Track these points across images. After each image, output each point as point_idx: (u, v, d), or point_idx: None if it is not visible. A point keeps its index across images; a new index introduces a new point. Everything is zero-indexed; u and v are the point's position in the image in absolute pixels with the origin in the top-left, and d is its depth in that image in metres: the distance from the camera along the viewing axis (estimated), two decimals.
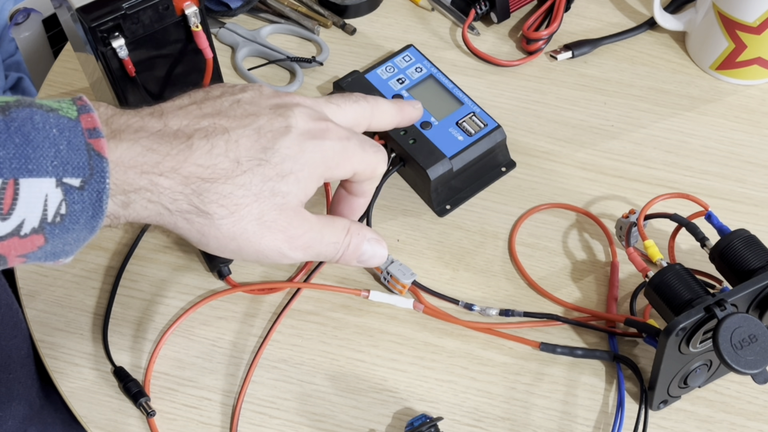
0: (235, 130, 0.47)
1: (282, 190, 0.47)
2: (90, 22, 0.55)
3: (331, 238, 0.50)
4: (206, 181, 0.45)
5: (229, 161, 0.46)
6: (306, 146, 0.48)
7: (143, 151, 0.44)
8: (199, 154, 0.45)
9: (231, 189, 0.46)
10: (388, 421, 0.59)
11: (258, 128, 0.47)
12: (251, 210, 0.46)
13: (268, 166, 0.46)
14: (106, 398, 0.60)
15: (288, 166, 0.47)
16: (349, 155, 0.50)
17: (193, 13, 0.58)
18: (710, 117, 0.75)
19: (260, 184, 0.46)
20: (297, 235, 0.48)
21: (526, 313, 0.63)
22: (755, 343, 0.51)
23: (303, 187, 0.48)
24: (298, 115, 0.49)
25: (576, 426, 0.59)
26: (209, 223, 0.46)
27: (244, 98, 0.49)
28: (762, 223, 0.69)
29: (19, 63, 1.35)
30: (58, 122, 0.41)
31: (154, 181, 0.44)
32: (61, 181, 0.41)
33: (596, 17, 0.83)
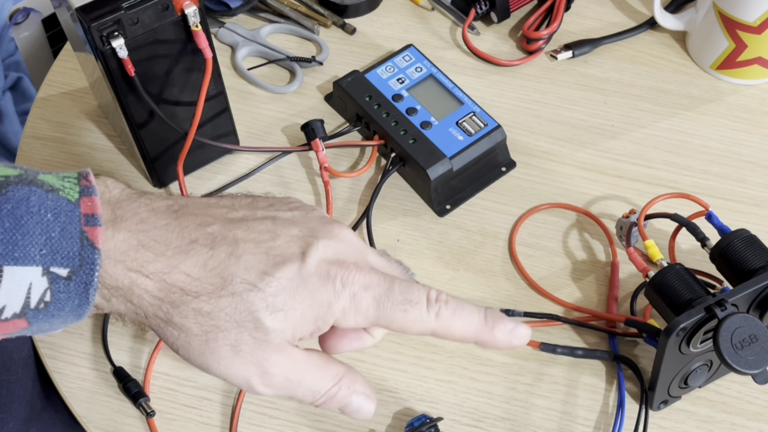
0: (245, 244, 0.42)
1: (266, 326, 0.42)
2: (89, 22, 0.55)
3: (313, 386, 0.44)
4: (188, 294, 0.41)
5: (220, 279, 0.41)
6: (310, 281, 0.42)
7: (137, 246, 0.41)
8: (191, 264, 0.41)
9: (211, 309, 0.41)
10: (388, 421, 0.59)
11: (269, 248, 0.42)
12: (228, 335, 0.42)
13: (259, 295, 0.41)
14: (105, 398, 0.60)
15: (281, 300, 0.42)
16: (362, 308, 0.43)
17: (192, 12, 0.58)
18: (710, 117, 0.75)
19: (245, 313, 0.41)
20: (273, 373, 0.43)
21: (526, 313, 0.63)
22: (755, 343, 0.51)
23: (292, 326, 0.42)
24: (322, 246, 0.43)
25: (576, 426, 0.59)
26: (182, 336, 0.42)
27: (284, 216, 0.44)
28: (762, 223, 0.69)
29: (19, 63, 1.35)
30: (55, 205, 0.39)
31: (137, 282, 0.41)
32: (48, 270, 0.39)
33: (596, 17, 0.83)
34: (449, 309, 0.44)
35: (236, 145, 0.71)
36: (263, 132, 0.74)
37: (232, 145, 0.71)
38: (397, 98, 0.71)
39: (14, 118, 1.28)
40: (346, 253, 0.44)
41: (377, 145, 0.71)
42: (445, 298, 0.44)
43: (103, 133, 0.74)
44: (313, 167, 0.72)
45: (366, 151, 0.73)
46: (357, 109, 0.72)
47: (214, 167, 0.72)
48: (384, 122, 0.70)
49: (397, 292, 0.43)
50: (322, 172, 0.69)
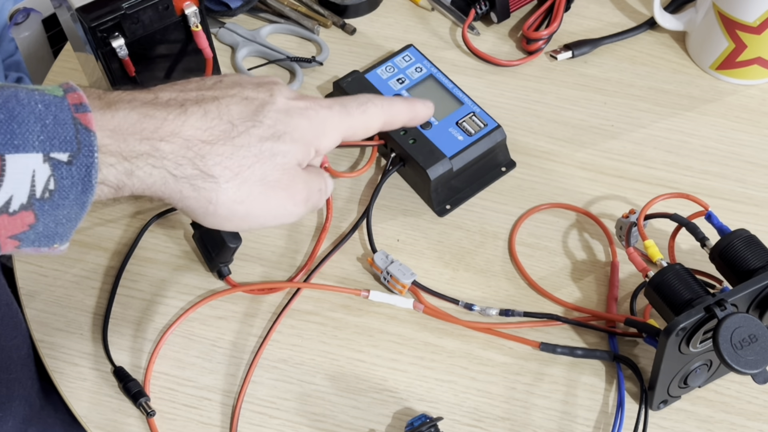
0: (224, 99, 0.48)
1: (281, 149, 0.48)
2: (90, 22, 0.55)
3: (315, 185, 0.53)
4: (206, 143, 0.46)
5: (224, 124, 0.47)
6: (292, 113, 0.50)
7: (140, 118, 0.44)
8: (195, 119, 0.46)
9: (231, 150, 0.46)
10: (388, 421, 0.59)
11: (245, 97, 0.49)
12: (254, 171, 0.47)
13: (262, 127, 0.48)
14: (106, 398, 0.60)
15: (281, 127, 0.49)
16: (334, 123, 0.52)
17: (193, 12, 0.58)
18: (710, 117, 0.75)
19: (258, 145, 0.48)
20: (297, 191, 0.50)
21: (526, 313, 0.63)
22: (755, 343, 0.51)
23: (299, 147, 0.50)
24: (281, 88, 0.51)
25: (576, 426, 0.59)
26: (216, 187, 0.46)
27: (226, 79, 0.51)
28: (762, 223, 0.69)
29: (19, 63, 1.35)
30: (43, 98, 0.41)
31: (155, 146, 0.44)
32: (49, 156, 0.40)
33: (596, 17, 0.83)
34: (386, 99, 0.56)
35: None
36: None
37: None
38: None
39: None
40: (291, 90, 0.52)
41: (377, 145, 0.71)
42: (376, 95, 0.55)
43: None
44: None
45: (366, 151, 0.73)
46: None
47: None
48: None
49: (349, 101, 0.53)
50: None
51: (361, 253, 0.67)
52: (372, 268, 0.65)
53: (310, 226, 0.68)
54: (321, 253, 0.67)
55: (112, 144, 0.43)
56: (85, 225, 0.68)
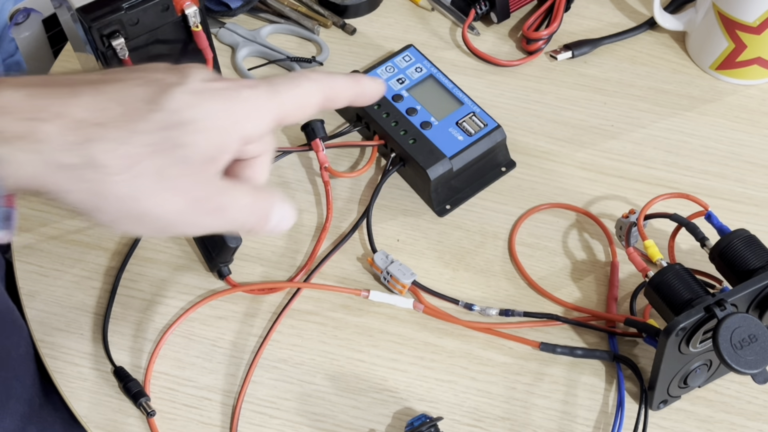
0: (129, 80, 0.41)
1: (184, 140, 0.41)
2: (90, 22, 0.55)
3: (240, 201, 0.43)
4: (98, 126, 0.39)
5: (120, 107, 0.40)
6: (204, 95, 0.42)
7: (25, 97, 0.39)
8: (87, 98, 0.40)
9: (126, 136, 0.40)
10: (388, 421, 0.59)
11: (152, 79, 0.42)
12: (152, 162, 0.40)
13: (164, 112, 0.41)
14: (106, 398, 0.60)
15: (188, 113, 0.41)
16: (260, 102, 0.43)
17: (193, 13, 0.58)
18: (710, 117, 0.75)
19: (157, 132, 0.40)
20: (203, 197, 0.42)
21: (526, 313, 0.63)
22: (755, 343, 0.51)
23: (209, 138, 0.42)
24: (197, 71, 0.43)
25: (576, 426, 0.59)
26: (103, 179, 0.39)
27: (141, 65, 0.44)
28: (762, 223, 0.69)
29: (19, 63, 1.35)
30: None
31: (34, 128, 0.38)
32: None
33: (596, 17, 0.83)
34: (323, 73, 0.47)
35: None
36: None
37: None
38: (397, 98, 0.72)
39: None
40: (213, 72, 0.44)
41: (377, 145, 0.71)
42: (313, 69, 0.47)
43: None
44: (313, 167, 0.72)
45: (366, 151, 0.73)
46: (357, 109, 0.72)
47: None
48: (384, 122, 0.70)
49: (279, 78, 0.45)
50: (322, 172, 0.69)
51: (361, 253, 0.67)
52: (372, 268, 0.65)
53: (310, 226, 0.68)
54: (321, 253, 0.67)
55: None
56: (86, 225, 0.68)
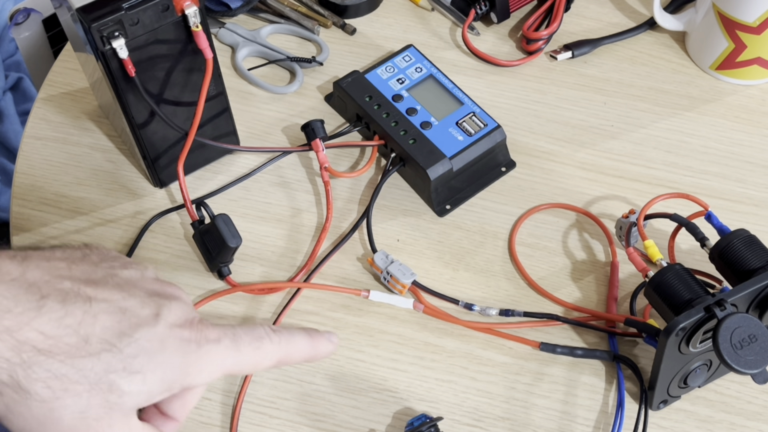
0: (99, 303, 0.41)
1: (122, 387, 0.40)
2: (90, 22, 0.55)
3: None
4: (42, 353, 0.39)
5: (77, 337, 0.39)
6: (168, 344, 0.42)
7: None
8: (47, 320, 0.39)
9: (66, 370, 0.39)
10: (388, 421, 0.59)
11: (124, 308, 0.41)
12: (78, 400, 0.39)
13: (118, 356, 0.40)
14: None
15: (139, 362, 0.41)
16: (217, 359, 0.44)
17: (193, 13, 0.58)
18: (710, 117, 0.75)
19: (101, 374, 0.40)
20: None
21: (526, 313, 0.63)
22: (755, 343, 0.51)
23: (148, 390, 0.41)
24: (173, 307, 0.43)
25: (576, 426, 0.59)
26: (22, 401, 0.39)
27: (122, 274, 0.44)
28: (762, 223, 0.69)
29: (19, 63, 1.35)
30: None
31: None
32: None
33: (596, 17, 0.83)
34: (285, 335, 0.47)
35: (236, 145, 0.72)
36: (263, 132, 0.74)
37: (233, 145, 0.71)
38: (397, 98, 0.72)
39: (15, 118, 1.29)
40: (189, 311, 0.45)
41: (377, 145, 0.71)
42: (275, 328, 0.47)
43: (103, 133, 0.74)
44: (313, 167, 0.72)
45: (366, 151, 0.73)
46: (357, 109, 0.72)
47: (214, 167, 0.72)
48: (384, 122, 0.70)
49: (243, 334, 0.45)
50: (322, 172, 0.69)
51: (361, 253, 0.67)
52: (372, 268, 0.65)
53: (310, 226, 0.68)
54: (321, 253, 0.67)
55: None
56: (86, 225, 0.68)
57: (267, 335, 0.46)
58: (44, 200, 0.69)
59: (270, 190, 0.70)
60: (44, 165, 0.72)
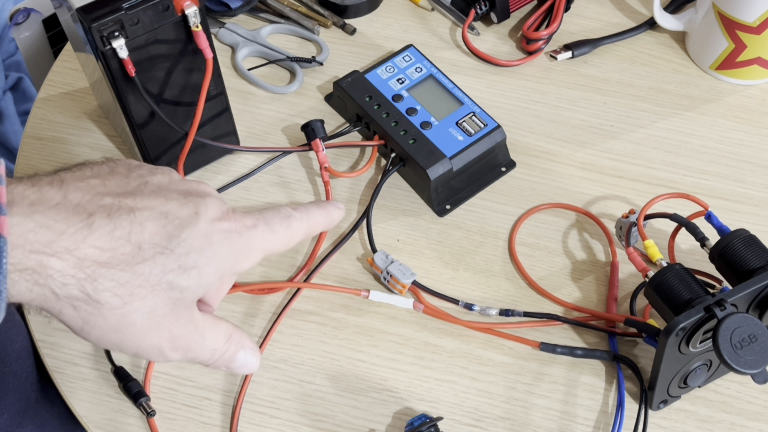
0: (141, 212, 0.43)
1: (181, 284, 0.43)
2: (90, 22, 0.55)
3: (211, 344, 0.47)
4: (103, 265, 0.41)
5: (130, 246, 0.42)
6: (214, 238, 0.45)
7: (36, 227, 0.40)
8: (99, 235, 0.41)
9: (128, 277, 0.42)
10: (388, 421, 0.59)
11: (166, 213, 0.44)
12: (144, 302, 0.42)
13: (171, 257, 0.43)
14: (106, 398, 0.60)
15: (192, 259, 0.44)
16: (259, 243, 0.48)
17: (193, 13, 0.58)
18: (710, 117, 0.75)
19: (159, 275, 0.42)
20: (181, 335, 0.45)
21: (526, 313, 0.63)
22: (755, 343, 0.51)
23: (203, 282, 0.44)
24: (208, 203, 0.46)
25: (576, 426, 0.59)
26: (96, 312, 0.42)
27: (153, 180, 0.46)
28: (762, 223, 0.69)
29: (20, 63, 1.35)
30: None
31: (43, 262, 0.40)
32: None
33: (596, 17, 0.83)
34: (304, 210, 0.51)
35: (236, 145, 0.72)
36: (263, 132, 0.74)
37: (233, 145, 0.71)
38: (397, 98, 0.72)
39: (15, 118, 1.29)
40: (223, 204, 0.47)
41: (377, 145, 0.71)
42: (295, 206, 0.51)
43: (103, 133, 0.74)
44: (313, 167, 0.72)
45: (366, 151, 0.73)
46: (357, 109, 0.72)
47: (214, 167, 0.72)
48: (384, 122, 0.70)
49: (273, 216, 0.49)
50: (322, 172, 0.69)
51: (361, 253, 0.67)
52: (372, 268, 0.65)
53: None
54: (321, 253, 0.67)
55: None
56: None
57: (291, 214, 0.50)
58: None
59: (270, 190, 0.70)
60: (44, 165, 0.71)
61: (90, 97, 0.76)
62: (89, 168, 0.45)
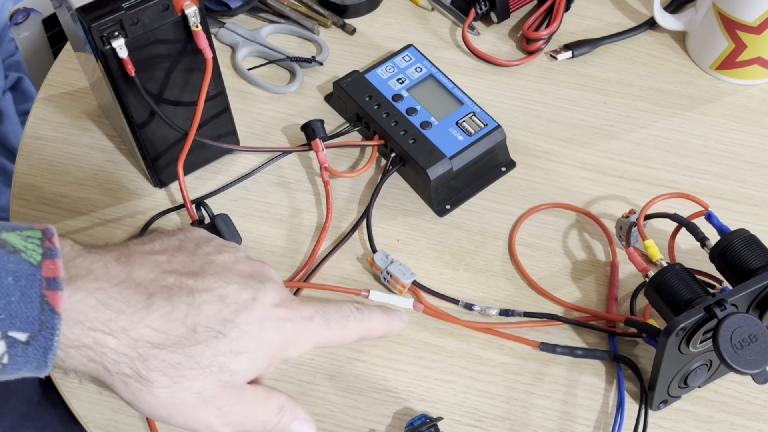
0: (201, 294, 0.44)
1: (231, 368, 0.45)
2: (90, 22, 0.55)
3: (263, 416, 0.48)
4: (156, 346, 0.42)
5: (185, 328, 0.43)
6: (266, 325, 0.46)
7: (97, 305, 0.41)
8: (157, 316, 0.43)
9: (179, 359, 0.43)
10: (388, 421, 0.59)
11: (224, 296, 0.45)
12: (194, 383, 0.44)
13: (224, 340, 0.44)
14: (106, 398, 0.60)
15: (244, 343, 0.45)
16: (310, 336, 0.49)
17: (192, 12, 0.58)
18: (710, 117, 0.75)
19: (211, 358, 0.44)
20: (231, 412, 0.46)
21: (526, 313, 0.63)
22: (755, 343, 0.51)
23: (253, 366, 0.46)
24: (267, 290, 0.47)
25: (576, 426, 0.59)
26: (146, 389, 0.43)
27: (218, 260, 0.47)
28: (762, 223, 0.69)
29: (19, 63, 1.35)
30: (16, 269, 0.39)
31: (100, 340, 0.41)
32: (6, 333, 0.39)
33: (596, 17, 0.83)
34: (366, 313, 0.52)
35: (236, 145, 0.71)
36: (263, 132, 0.74)
37: (232, 145, 0.71)
38: (397, 98, 0.72)
39: (14, 118, 1.29)
40: (282, 291, 0.48)
41: (377, 145, 0.71)
42: (359, 307, 0.52)
43: (103, 133, 0.74)
44: (313, 167, 0.72)
45: (366, 151, 0.73)
46: (357, 109, 0.72)
47: (214, 167, 0.72)
48: (384, 122, 0.70)
49: (332, 312, 0.50)
50: (322, 172, 0.69)
51: (361, 253, 0.67)
52: (372, 268, 0.65)
53: (310, 226, 0.68)
54: (321, 253, 0.67)
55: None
56: (85, 225, 0.68)
57: (352, 314, 0.51)
58: (44, 200, 0.69)
59: (270, 190, 0.70)
60: (44, 165, 0.71)
61: (90, 97, 0.76)
62: (159, 240, 0.47)
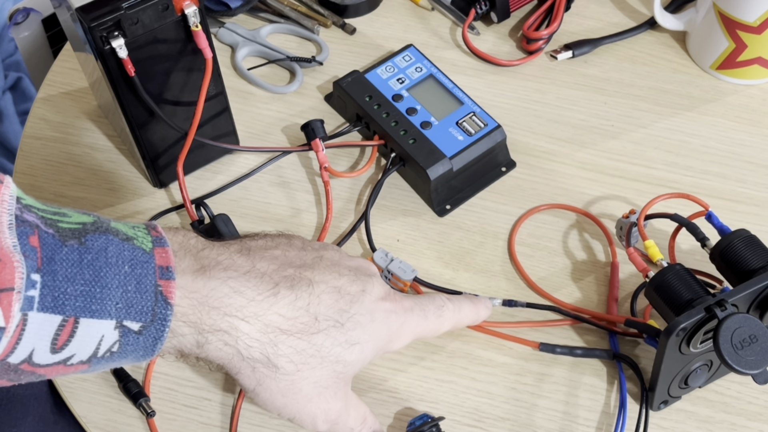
0: (319, 284, 0.47)
1: (346, 358, 0.47)
2: (89, 22, 0.55)
3: (352, 423, 0.51)
4: (284, 332, 0.45)
5: (308, 316, 0.46)
6: (376, 317, 0.49)
7: (230, 292, 0.44)
8: (283, 304, 0.45)
9: (304, 346, 0.46)
10: (388, 422, 0.59)
11: (338, 287, 0.48)
12: (314, 372, 0.46)
13: (341, 330, 0.47)
14: (106, 398, 0.60)
15: (357, 334, 0.47)
16: (412, 327, 0.51)
17: (192, 12, 0.58)
18: (710, 117, 0.75)
19: (330, 347, 0.46)
20: (334, 409, 0.48)
21: (528, 304, 0.63)
22: (756, 344, 0.51)
23: (363, 358, 0.48)
24: (374, 283, 0.50)
25: (577, 427, 0.59)
26: (271, 375, 0.46)
27: (326, 255, 0.50)
28: (762, 223, 0.69)
29: (19, 63, 1.35)
30: (132, 256, 0.41)
31: (235, 325, 0.44)
32: (121, 323, 0.40)
33: (596, 17, 0.83)
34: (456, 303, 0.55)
35: (236, 145, 0.71)
36: (263, 132, 0.74)
37: (232, 145, 0.71)
38: (397, 98, 0.71)
39: (14, 118, 1.29)
40: (385, 285, 0.51)
41: (377, 145, 0.71)
42: (450, 297, 0.54)
43: (103, 133, 0.74)
44: (313, 167, 0.72)
45: (366, 151, 0.73)
46: (357, 109, 0.72)
47: (214, 167, 0.72)
48: (384, 122, 0.70)
49: (428, 303, 0.52)
50: (322, 172, 0.69)
51: (361, 252, 0.67)
52: None
53: (310, 226, 0.68)
54: None
55: (193, 314, 0.43)
56: None
57: (445, 304, 0.54)
58: (44, 200, 0.69)
59: (270, 190, 0.70)
60: (44, 165, 0.71)
61: (89, 97, 0.76)
62: (270, 238, 0.50)
